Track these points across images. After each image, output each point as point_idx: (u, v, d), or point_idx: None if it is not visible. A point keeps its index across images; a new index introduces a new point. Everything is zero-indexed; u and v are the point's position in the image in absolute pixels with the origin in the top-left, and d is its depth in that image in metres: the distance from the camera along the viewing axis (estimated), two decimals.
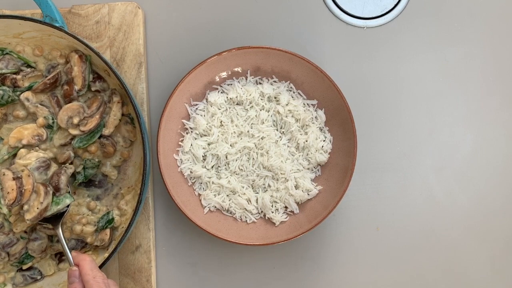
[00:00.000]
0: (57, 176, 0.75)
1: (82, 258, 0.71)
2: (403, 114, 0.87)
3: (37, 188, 0.72)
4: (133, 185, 0.81)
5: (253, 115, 0.81)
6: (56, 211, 0.74)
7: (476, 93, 0.87)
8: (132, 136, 0.81)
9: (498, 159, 0.86)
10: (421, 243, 0.85)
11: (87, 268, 0.69)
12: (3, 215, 0.78)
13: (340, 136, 0.81)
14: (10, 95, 0.77)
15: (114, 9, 0.83)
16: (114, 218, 0.79)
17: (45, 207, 0.73)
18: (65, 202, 0.75)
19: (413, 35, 0.87)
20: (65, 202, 0.75)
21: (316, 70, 0.79)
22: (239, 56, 0.80)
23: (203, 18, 0.87)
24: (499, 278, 0.85)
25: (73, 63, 0.78)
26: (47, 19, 0.75)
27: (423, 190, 0.86)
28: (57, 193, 0.74)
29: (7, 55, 0.79)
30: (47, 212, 0.73)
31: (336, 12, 0.87)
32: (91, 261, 0.70)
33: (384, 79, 0.87)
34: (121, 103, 0.79)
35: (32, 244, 0.77)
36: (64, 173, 0.75)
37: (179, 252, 0.85)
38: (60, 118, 0.77)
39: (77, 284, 0.69)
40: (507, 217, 0.86)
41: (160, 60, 0.87)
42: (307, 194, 0.81)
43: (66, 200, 0.75)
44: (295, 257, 0.85)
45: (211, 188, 0.81)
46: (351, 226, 0.85)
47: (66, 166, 0.76)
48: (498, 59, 0.87)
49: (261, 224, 0.81)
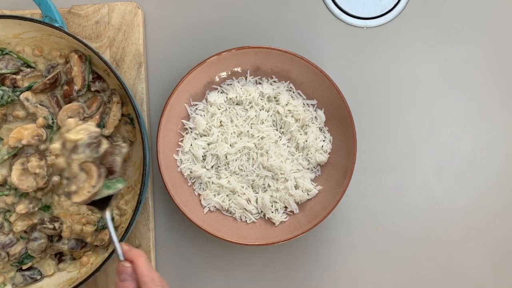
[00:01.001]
0: (111, 156, 0.65)
1: (137, 254, 0.64)
2: (403, 114, 0.87)
3: (88, 169, 0.63)
4: (132, 185, 0.81)
5: (253, 115, 0.81)
6: (105, 195, 0.66)
7: (476, 93, 0.87)
8: (131, 136, 0.81)
9: (498, 159, 0.86)
10: (421, 243, 0.85)
11: (144, 268, 0.62)
12: (3, 215, 0.78)
13: (340, 136, 0.81)
14: (10, 95, 0.77)
15: (113, 9, 0.83)
16: (114, 218, 0.79)
17: (96, 192, 0.64)
18: (117, 187, 0.66)
19: (413, 35, 0.87)
20: (117, 187, 0.66)
21: (316, 70, 0.79)
22: (239, 56, 0.80)
23: (203, 18, 0.87)
24: (499, 278, 0.85)
25: (72, 63, 0.78)
26: (46, 19, 0.75)
27: (423, 190, 0.86)
28: (110, 176, 0.65)
29: (7, 55, 0.79)
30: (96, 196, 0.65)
31: (335, 12, 0.87)
32: (146, 259, 0.63)
33: (384, 79, 0.87)
34: (120, 103, 0.79)
35: (32, 244, 0.77)
36: (119, 153, 0.66)
37: (179, 252, 0.85)
38: (60, 118, 0.77)
39: (130, 283, 0.62)
40: (507, 217, 0.86)
41: (160, 60, 0.87)
42: (307, 194, 0.81)
43: (118, 184, 0.66)
44: (295, 257, 0.85)
45: (211, 188, 0.81)
46: (351, 226, 0.85)
47: (120, 144, 0.68)
48: (498, 59, 0.87)
49: (261, 224, 0.81)
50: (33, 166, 0.73)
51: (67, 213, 0.78)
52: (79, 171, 0.63)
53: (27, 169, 0.73)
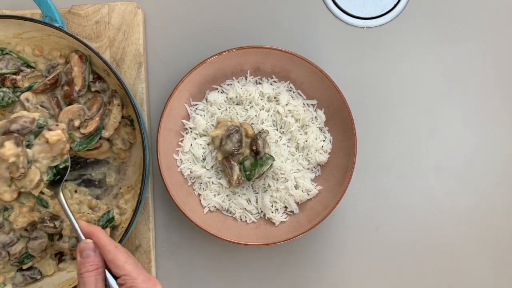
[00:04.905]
0: (255, 142, 0.78)
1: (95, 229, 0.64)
2: (403, 114, 0.87)
3: None
4: (132, 184, 0.81)
5: (253, 115, 0.81)
6: (262, 173, 0.78)
7: (476, 93, 0.87)
8: (131, 138, 0.81)
9: (498, 159, 0.86)
10: (421, 243, 0.85)
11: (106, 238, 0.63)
12: (3, 215, 0.78)
13: (340, 136, 0.81)
14: (11, 96, 0.77)
15: (114, 9, 0.83)
16: (114, 217, 0.79)
17: None
18: (268, 163, 0.78)
19: (413, 35, 0.87)
20: (268, 163, 0.78)
21: (316, 70, 0.79)
22: (239, 56, 0.80)
23: (203, 18, 0.87)
24: (499, 278, 0.85)
25: (73, 64, 0.78)
26: (46, 19, 0.75)
27: (423, 190, 0.86)
28: (257, 157, 0.78)
29: (7, 55, 0.79)
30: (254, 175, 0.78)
31: (336, 12, 0.87)
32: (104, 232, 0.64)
33: (384, 79, 0.87)
34: (121, 105, 0.79)
35: (33, 243, 0.77)
36: (260, 138, 0.78)
37: (179, 252, 0.85)
38: (61, 120, 0.77)
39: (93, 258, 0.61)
40: (507, 217, 0.86)
41: (160, 60, 0.87)
42: (307, 194, 0.81)
43: (268, 161, 0.78)
44: (295, 257, 0.85)
45: (211, 188, 0.81)
46: (351, 226, 0.85)
47: (261, 131, 0.79)
48: (498, 59, 0.87)
49: (261, 224, 0.81)
50: None
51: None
52: None
53: None
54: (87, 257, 0.61)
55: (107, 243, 0.62)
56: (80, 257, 0.62)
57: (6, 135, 0.69)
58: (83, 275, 0.61)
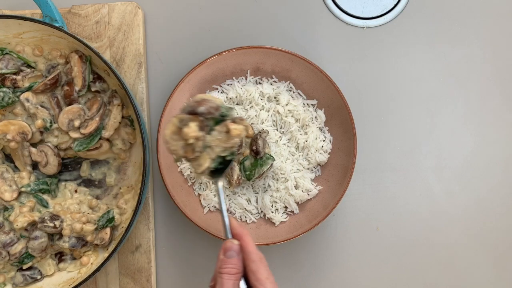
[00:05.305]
0: (255, 142, 0.79)
1: (245, 232, 0.62)
2: (403, 114, 0.87)
3: None
4: (132, 184, 0.81)
5: (253, 115, 0.81)
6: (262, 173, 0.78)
7: (476, 93, 0.87)
8: (131, 138, 0.81)
9: (498, 159, 0.86)
10: (421, 243, 0.85)
11: (253, 246, 0.60)
12: (3, 215, 0.78)
13: (340, 136, 0.81)
14: (11, 96, 0.77)
15: (114, 9, 0.83)
16: (114, 217, 0.79)
17: None
18: (268, 163, 0.79)
19: (413, 35, 0.87)
20: (268, 163, 0.79)
21: (316, 70, 0.79)
22: (239, 56, 0.80)
23: (203, 18, 0.87)
24: (499, 278, 0.85)
25: (73, 64, 0.78)
26: (47, 19, 0.75)
27: (423, 190, 0.86)
28: (257, 156, 0.78)
29: (7, 55, 0.79)
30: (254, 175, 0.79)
31: (336, 12, 0.87)
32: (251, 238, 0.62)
33: (384, 79, 0.87)
34: (121, 105, 0.79)
35: (33, 243, 0.77)
36: (260, 138, 0.79)
37: (179, 252, 0.85)
38: (61, 121, 0.77)
39: (236, 260, 0.60)
40: (507, 217, 0.86)
41: (160, 60, 0.87)
42: (307, 194, 0.81)
43: (268, 161, 0.79)
44: (295, 257, 0.85)
45: (211, 188, 0.81)
46: (351, 226, 0.85)
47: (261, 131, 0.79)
48: (498, 59, 0.87)
49: (261, 224, 0.81)
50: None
51: (67, 211, 0.78)
52: None
53: None
54: (231, 258, 0.60)
55: (253, 251, 0.60)
56: (223, 255, 0.61)
57: (193, 116, 0.66)
58: (224, 276, 0.60)
